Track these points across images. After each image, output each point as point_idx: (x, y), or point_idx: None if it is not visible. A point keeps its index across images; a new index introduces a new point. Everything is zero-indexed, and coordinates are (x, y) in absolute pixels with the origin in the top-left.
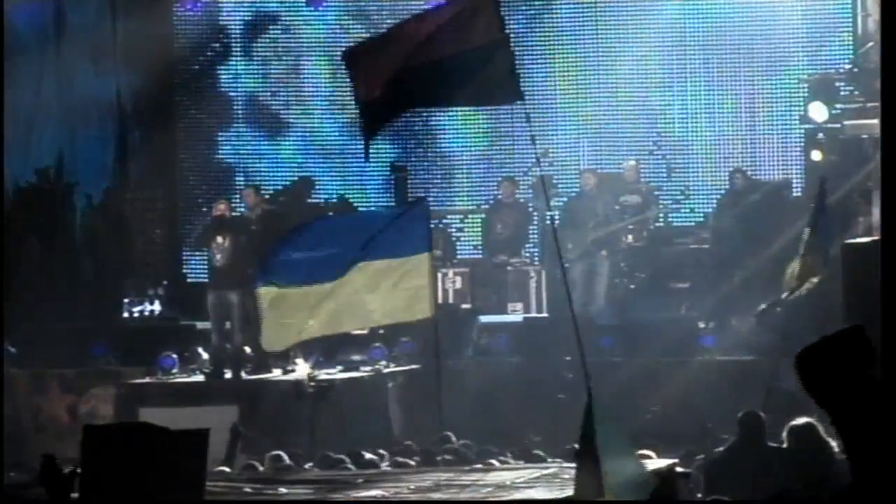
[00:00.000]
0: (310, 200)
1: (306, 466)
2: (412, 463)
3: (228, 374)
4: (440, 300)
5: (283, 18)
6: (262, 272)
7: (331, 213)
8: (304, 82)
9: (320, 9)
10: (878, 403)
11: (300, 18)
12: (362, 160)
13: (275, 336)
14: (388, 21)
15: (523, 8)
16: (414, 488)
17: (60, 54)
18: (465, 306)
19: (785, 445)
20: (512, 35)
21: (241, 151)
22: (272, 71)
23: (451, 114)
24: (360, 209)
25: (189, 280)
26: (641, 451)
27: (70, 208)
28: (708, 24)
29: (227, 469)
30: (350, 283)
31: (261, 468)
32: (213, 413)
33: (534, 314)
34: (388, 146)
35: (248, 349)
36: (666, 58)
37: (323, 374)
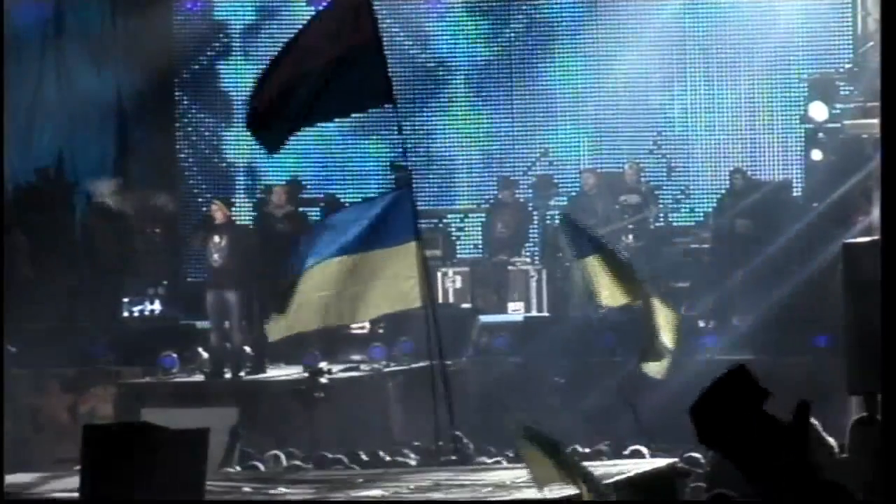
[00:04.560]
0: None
1: (305, 466)
2: (412, 463)
3: (228, 374)
4: (440, 300)
5: (283, 17)
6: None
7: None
8: None
9: (320, 8)
10: (775, 438)
11: (300, 18)
12: (362, 160)
13: (276, 326)
14: (388, 21)
15: (523, 8)
16: (414, 488)
17: (60, 54)
18: (465, 306)
19: None
20: (512, 35)
21: (242, 151)
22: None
23: (451, 114)
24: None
25: (189, 279)
26: (634, 448)
27: (70, 208)
28: (708, 24)
29: (227, 469)
30: (340, 275)
31: (262, 468)
32: (213, 415)
33: (534, 313)
34: (388, 146)
35: (248, 349)
36: (666, 58)
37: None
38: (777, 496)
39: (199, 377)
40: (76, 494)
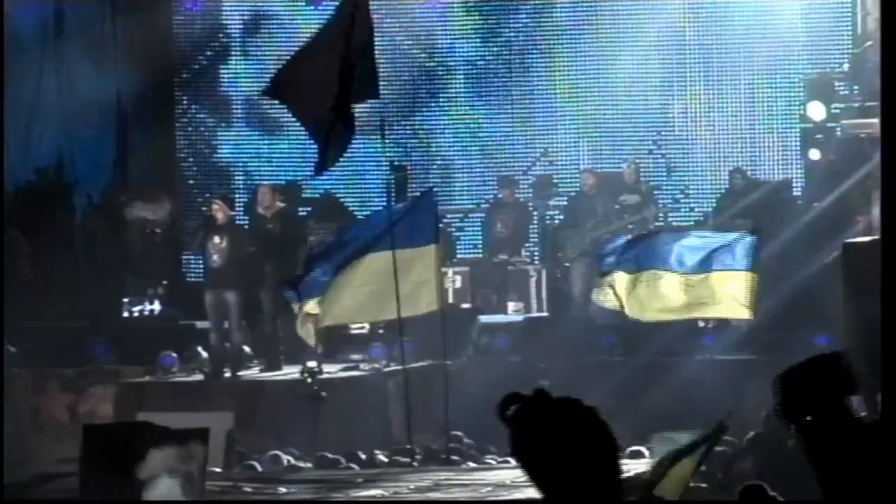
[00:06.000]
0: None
1: (305, 466)
2: (413, 463)
3: (228, 374)
4: None
5: (283, 18)
6: (295, 293)
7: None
8: None
9: (320, 8)
10: (852, 433)
11: (300, 18)
12: (363, 160)
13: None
14: (388, 20)
15: (523, 8)
16: (414, 488)
17: (60, 54)
18: (465, 306)
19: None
20: (512, 35)
21: (241, 151)
22: (272, 71)
23: (451, 114)
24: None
25: (189, 279)
26: (634, 448)
27: (70, 208)
28: (707, 24)
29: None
30: (360, 275)
31: (259, 468)
32: (208, 419)
33: (534, 313)
34: (388, 146)
35: (247, 348)
36: (666, 58)
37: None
38: (839, 489)
39: (198, 377)
40: (76, 494)
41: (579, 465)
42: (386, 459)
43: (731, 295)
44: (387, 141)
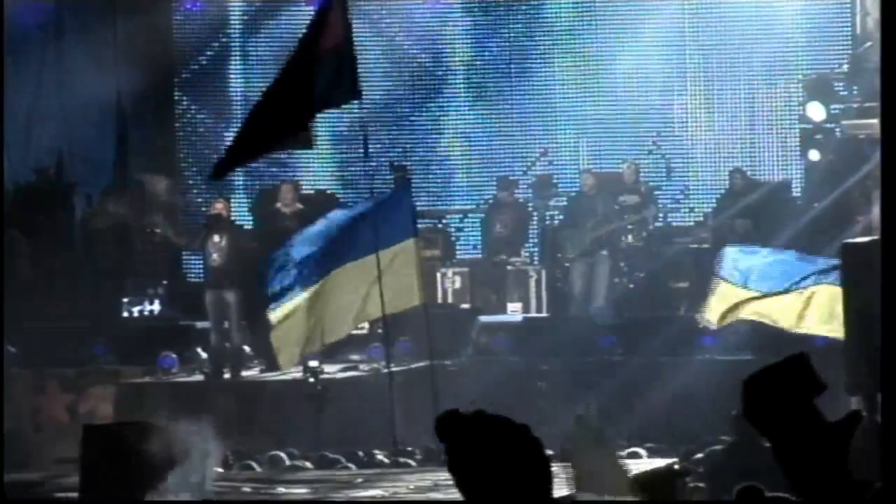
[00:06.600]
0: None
1: (305, 466)
2: (412, 463)
3: (228, 374)
4: (440, 300)
5: (283, 18)
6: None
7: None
8: None
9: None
10: (818, 433)
11: (300, 18)
12: (361, 160)
13: (287, 357)
14: (387, 21)
15: (523, 8)
16: (414, 488)
17: (60, 54)
18: (464, 306)
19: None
20: (511, 35)
21: None
22: (272, 71)
23: (451, 114)
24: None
25: (189, 279)
26: (631, 450)
27: (70, 208)
28: (707, 25)
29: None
30: (341, 284)
31: (257, 468)
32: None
33: (533, 313)
34: (387, 146)
35: (247, 348)
36: (666, 58)
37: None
38: (809, 490)
39: (199, 377)
40: (76, 494)
41: (507, 480)
42: (386, 460)
43: (823, 311)
44: (386, 141)
